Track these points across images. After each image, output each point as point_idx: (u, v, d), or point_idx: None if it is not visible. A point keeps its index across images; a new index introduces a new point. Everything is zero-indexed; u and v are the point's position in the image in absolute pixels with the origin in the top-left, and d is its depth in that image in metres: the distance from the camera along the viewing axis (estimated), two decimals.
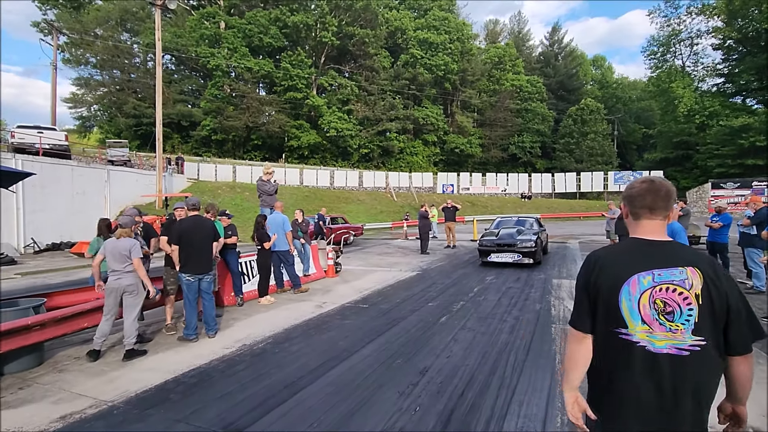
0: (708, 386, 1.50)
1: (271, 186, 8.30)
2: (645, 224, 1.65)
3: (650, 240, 1.61)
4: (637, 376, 1.49)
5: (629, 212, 1.71)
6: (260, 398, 3.59)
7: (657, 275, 1.52)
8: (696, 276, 1.49)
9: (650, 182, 1.68)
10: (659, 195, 1.63)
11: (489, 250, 10.75)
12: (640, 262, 1.56)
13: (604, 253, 1.68)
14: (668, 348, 1.47)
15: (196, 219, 5.24)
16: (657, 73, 48.09)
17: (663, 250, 1.58)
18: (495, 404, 3.41)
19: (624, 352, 1.51)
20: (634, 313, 1.51)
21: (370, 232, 24.48)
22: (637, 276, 1.53)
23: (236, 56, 39.91)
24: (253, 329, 5.62)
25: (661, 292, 1.50)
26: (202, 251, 5.18)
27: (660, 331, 1.48)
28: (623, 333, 1.52)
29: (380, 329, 5.55)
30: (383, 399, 3.54)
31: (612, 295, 1.54)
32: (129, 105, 39.31)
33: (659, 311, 1.50)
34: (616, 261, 1.61)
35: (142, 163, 24.45)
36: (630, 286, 1.53)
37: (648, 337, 1.49)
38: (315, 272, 9.42)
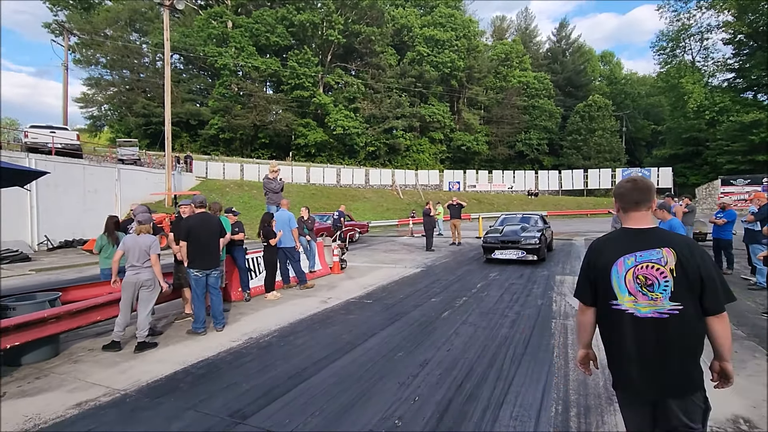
0: (688, 341, 1.83)
1: (277, 184, 8.45)
2: (632, 215, 2.02)
3: (637, 228, 1.98)
4: (629, 336, 1.87)
5: (620, 207, 2.08)
6: (265, 388, 3.73)
7: (638, 256, 1.89)
8: (671, 254, 1.85)
9: (634, 182, 2.07)
10: (642, 191, 2.02)
11: (493, 246, 10.82)
12: (626, 246, 1.94)
13: (601, 240, 2.08)
14: (651, 313, 1.84)
15: (204, 216, 5.40)
16: (666, 68, 47.48)
17: (646, 235, 1.95)
18: (492, 394, 3.52)
19: (617, 318, 1.91)
20: (621, 287, 1.90)
21: (377, 229, 24.62)
22: (623, 258, 1.91)
23: (243, 55, 40.21)
24: (259, 323, 5.77)
25: (642, 269, 1.88)
26: (209, 247, 5.33)
27: (643, 300, 1.86)
28: (615, 304, 1.91)
29: (383, 324, 5.67)
30: (384, 389, 3.66)
31: (605, 274, 1.94)
32: (138, 104, 39.77)
33: (641, 284, 1.87)
34: (609, 246, 2.01)
35: (151, 161, 24.81)
36: (617, 266, 1.92)
37: (634, 305, 1.87)
38: (321, 269, 9.57)
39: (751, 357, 4.22)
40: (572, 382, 3.73)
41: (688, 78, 43.32)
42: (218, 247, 5.47)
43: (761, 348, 4.45)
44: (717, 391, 3.23)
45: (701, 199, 34.50)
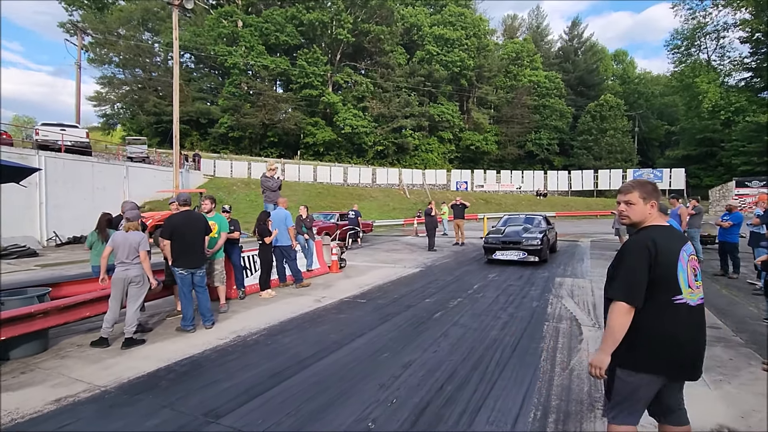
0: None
1: (275, 182, 8.45)
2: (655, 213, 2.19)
3: (663, 225, 2.16)
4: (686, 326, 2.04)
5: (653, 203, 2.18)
6: (245, 387, 3.71)
7: (686, 250, 2.10)
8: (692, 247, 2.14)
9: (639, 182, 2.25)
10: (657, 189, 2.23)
11: (494, 247, 10.71)
12: (677, 242, 2.10)
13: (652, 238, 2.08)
14: (698, 300, 2.08)
15: (188, 214, 5.40)
16: (681, 67, 46.63)
17: (674, 230, 2.19)
18: (471, 398, 3.45)
19: (678, 311, 2.03)
20: (685, 281, 2.05)
21: (382, 228, 24.60)
22: (681, 252, 2.07)
23: (253, 54, 40.49)
24: (249, 321, 5.77)
25: (692, 262, 2.11)
26: (194, 246, 5.33)
27: (696, 290, 2.08)
28: (679, 298, 2.03)
29: (373, 324, 5.63)
30: (363, 390, 3.62)
31: (672, 270, 2.04)
32: (150, 103, 40.33)
33: (694, 276, 2.09)
34: (669, 243, 2.08)
35: (159, 159, 25.11)
36: (681, 262, 2.06)
37: (690, 296, 2.05)
38: (319, 267, 9.56)
39: (746, 365, 4.08)
40: (556, 387, 3.65)
41: (703, 77, 42.51)
42: (203, 246, 5.47)
43: (758, 356, 4.30)
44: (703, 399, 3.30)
45: (715, 201, 33.81)
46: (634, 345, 2.07)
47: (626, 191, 2.21)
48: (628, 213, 2.20)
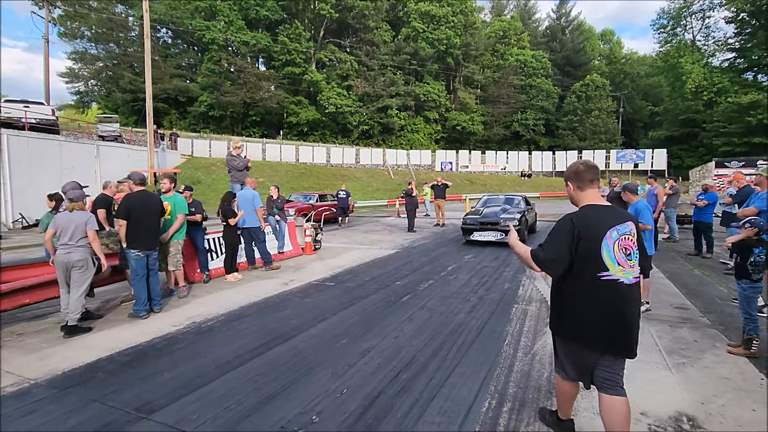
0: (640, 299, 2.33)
1: (241, 161, 8.07)
2: (589, 192, 2.32)
3: (604, 205, 2.27)
4: (616, 303, 2.15)
5: (576, 186, 2.35)
6: (187, 378, 3.48)
7: (618, 229, 2.17)
8: (633, 227, 2.22)
9: (586, 163, 2.38)
10: (596, 171, 2.34)
11: (472, 228, 10.56)
12: (608, 221, 2.18)
13: (581, 217, 2.21)
14: (632, 279, 2.17)
15: (144, 194, 5.08)
16: (666, 47, 46.51)
17: (615, 211, 2.27)
18: (426, 386, 3.28)
19: (607, 286, 2.14)
20: (612, 258, 2.14)
21: (364, 209, 24.33)
22: (609, 231, 2.15)
23: (232, 30, 38.99)
24: (208, 307, 5.51)
25: (623, 241, 2.16)
26: (150, 226, 5.04)
27: (627, 268, 2.15)
28: (606, 275, 2.13)
29: (338, 308, 5.43)
30: (313, 380, 3.42)
31: (596, 247, 2.14)
32: (125, 80, 38.78)
33: (624, 254, 2.16)
34: (595, 222, 2.18)
35: (133, 138, 24.20)
36: (607, 240, 2.15)
37: (622, 274, 2.14)
38: (291, 249, 9.30)
39: (711, 347, 3.99)
40: (515, 373, 3.50)
41: (687, 58, 42.52)
42: (159, 227, 5.16)
43: (723, 337, 4.22)
44: (664, 384, 3.23)
45: (695, 181, 34.26)
46: (563, 318, 2.31)
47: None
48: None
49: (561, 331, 2.35)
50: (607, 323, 2.15)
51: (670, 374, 3.43)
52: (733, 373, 3.44)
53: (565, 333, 2.32)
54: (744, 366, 3.57)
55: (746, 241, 3.64)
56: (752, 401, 3.01)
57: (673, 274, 7.04)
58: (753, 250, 3.61)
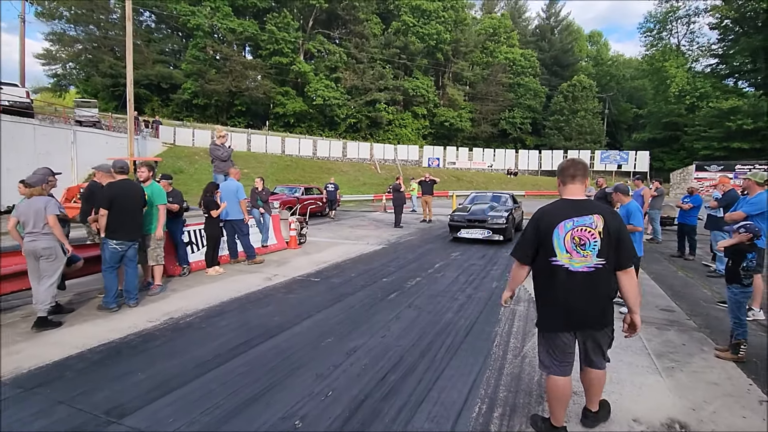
0: (606, 288, 2.40)
1: (225, 151, 7.80)
2: (570, 187, 2.51)
3: (574, 199, 2.47)
4: (563, 286, 2.36)
5: (560, 181, 2.56)
6: (162, 378, 3.29)
7: (575, 221, 2.35)
8: (600, 220, 2.33)
9: (572, 160, 2.61)
10: (578, 167, 2.52)
11: (459, 225, 10.51)
12: (566, 213, 2.39)
13: (544, 209, 2.50)
14: (582, 267, 2.33)
15: (126, 183, 4.84)
16: (651, 51, 47.28)
17: (581, 204, 2.43)
18: (415, 390, 3.16)
19: (555, 271, 2.38)
20: (561, 246, 2.35)
21: (351, 204, 24.12)
22: (563, 222, 2.36)
23: (218, 16, 38.09)
24: (187, 302, 5.30)
25: (577, 232, 2.34)
26: (134, 217, 4.81)
27: (577, 257, 2.34)
28: (554, 260, 2.37)
29: (323, 305, 5.28)
30: (296, 382, 3.27)
31: (548, 236, 2.37)
32: (105, 64, 37.59)
33: (576, 244, 2.33)
34: (551, 213, 2.43)
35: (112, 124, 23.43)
36: (558, 229, 2.36)
37: (569, 261, 2.34)
38: (275, 243, 9.08)
39: (699, 350, 3.98)
40: (505, 376, 3.41)
41: (672, 62, 43.31)
42: (140, 218, 4.94)
43: (710, 341, 4.22)
44: (655, 390, 3.17)
45: (675, 183, 35.00)
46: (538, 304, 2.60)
47: None
48: None
49: (540, 311, 2.58)
50: (560, 302, 2.40)
51: (660, 379, 3.39)
52: (721, 378, 3.42)
53: (538, 317, 2.58)
54: (732, 371, 3.56)
55: (739, 245, 3.61)
56: (741, 407, 2.98)
57: (658, 276, 7.09)
58: (746, 255, 3.59)
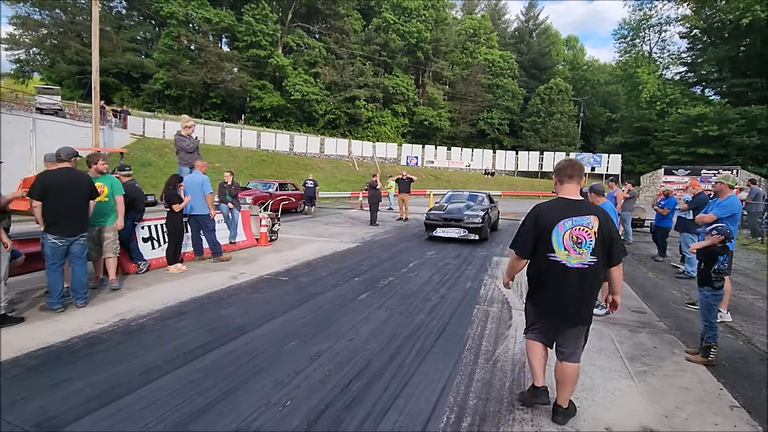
0: (596, 284, 2.63)
1: (191, 142, 7.40)
2: (567, 186, 2.68)
3: (570, 199, 2.64)
4: (559, 281, 2.57)
5: (557, 180, 2.74)
6: (103, 387, 2.99)
7: (574, 220, 2.53)
8: (595, 220, 2.54)
9: (569, 160, 2.79)
10: (575, 168, 2.70)
11: (435, 224, 10.40)
12: (566, 212, 2.56)
13: (544, 206, 2.66)
14: (577, 264, 2.53)
15: (67, 171, 4.43)
16: (625, 57, 48.57)
17: (579, 204, 2.61)
18: (380, 398, 2.97)
19: (552, 266, 2.57)
20: (560, 243, 2.53)
21: (327, 201, 23.77)
22: (563, 221, 2.54)
23: (193, 5, 36.86)
24: (143, 301, 4.95)
25: (575, 231, 2.52)
26: (75, 209, 4.41)
27: (574, 254, 2.52)
28: (552, 256, 2.55)
29: (289, 305, 5.02)
30: (253, 390, 3.02)
31: (547, 233, 2.55)
32: (72, 50, 35.87)
33: (574, 242, 2.52)
34: (551, 211, 2.60)
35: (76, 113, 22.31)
36: (558, 227, 2.54)
37: (566, 258, 2.53)
38: (245, 240, 8.73)
39: (670, 353, 3.94)
40: (476, 382, 3.26)
41: (644, 68, 44.57)
42: (86, 210, 4.54)
43: (681, 343, 4.19)
44: (627, 395, 3.17)
45: (645, 186, 36.06)
46: (531, 288, 2.80)
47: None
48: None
49: (530, 295, 2.85)
50: (552, 295, 2.62)
51: (632, 383, 3.31)
52: (693, 382, 3.37)
53: (531, 297, 2.83)
54: (703, 375, 3.52)
55: (711, 248, 3.57)
56: (713, 414, 2.92)
57: (630, 277, 7.12)
58: (718, 257, 3.55)
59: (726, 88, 41.11)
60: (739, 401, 3.09)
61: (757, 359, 3.93)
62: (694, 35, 43.91)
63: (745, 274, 7.81)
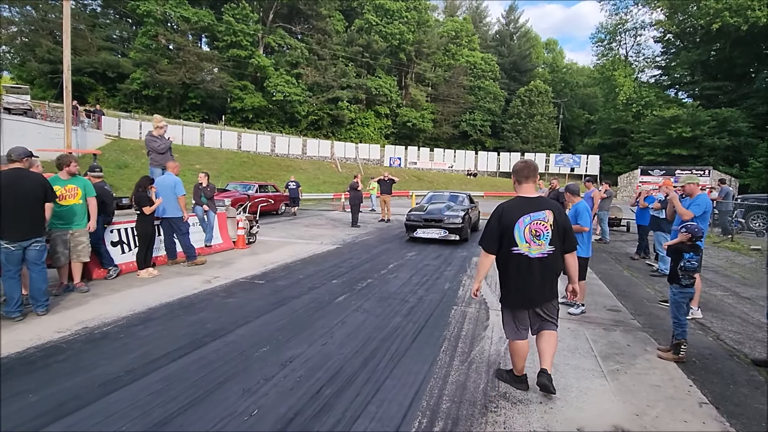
0: (557, 270, 2.99)
1: (163, 143, 7.18)
2: (524, 186, 3.00)
3: (527, 197, 2.96)
4: (524, 271, 2.89)
5: (516, 180, 3.05)
6: (58, 400, 2.83)
7: (532, 216, 2.86)
8: (550, 214, 2.89)
9: (525, 162, 3.07)
10: (531, 169, 3.00)
11: (415, 225, 10.38)
12: (524, 209, 2.89)
13: (505, 206, 2.95)
14: (538, 254, 2.87)
15: (18, 172, 4.21)
16: (602, 60, 49.65)
17: (535, 201, 2.92)
18: (351, 404, 2.89)
19: (516, 258, 2.89)
20: (521, 237, 2.85)
21: (309, 202, 23.54)
22: (522, 217, 2.86)
23: (171, 3, 36.13)
24: (109, 308, 4.76)
25: (534, 225, 2.85)
26: (26, 212, 4.20)
27: (534, 246, 2.86)
28: (515, 249, 2.87)
29: (264, 309, 4.90)
30: (218, 400, 2.91)
31: (510, 229, 2.87)
32: (43, 48, 34.70)
33: (533, 235, 2.85)
34: (512, 210, 2.90)
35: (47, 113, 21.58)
36: (519, 224, 2.86)
37: (528, 250, 2.86)
38: (221, 243, 8.53)
39: (643, 351, 3.97)
40: (450, 385, 3.21)
41: (620, 71, 45.62)
42: (40, 213, 4.32)
43: (653, 341, 4.24)
44: (597, 395, 3.21)
45: (622, 186, 36.86)
46: (501, 285, 3.09)
47: None
48: None
49: (504, 297, 3.09)
50: (521, 283, 2.91)
51: (605, 382, 3.31)
52: (663, 380, 3.40)
53: (506, 294, 3.05)
54: (673, 372, 3.55)
55: (680, 246, 3.61)
56: (683, 411, 2.94)
57: (606, 276, 7.22)
58: (683, 255, 3.59)
59: (698, 91, 42.41)
60: (708, 398, 3.12)
61: (726, 355, 3.99)
62: (668, 40, 45.23)
63: (715, 271, 8.01)
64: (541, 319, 3.04)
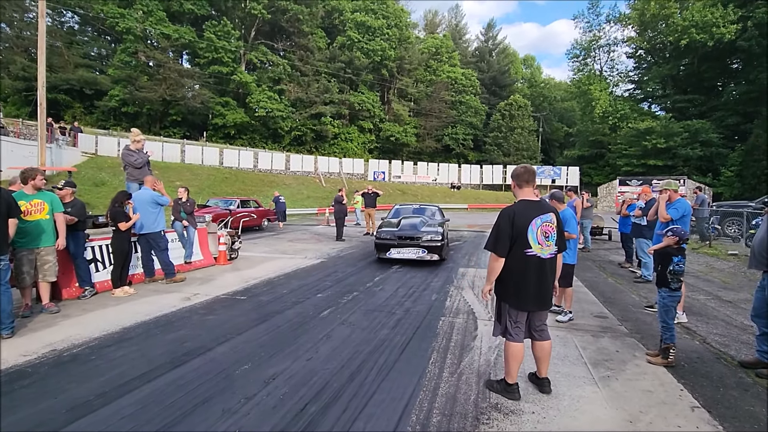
0: (556, 268, 3.19)
1: (139, 157, 6.98)
2: (525, 190, 3.12)
3: (532, 200, 3.09)
4: (538, 272, 2.98)
5: (516, 184, 3.17)
6: (21, 428, 2.62)
7: (542, 218, 2.99)
8: (554, 216, 3.07)
9: (525, 167, 3.17)
10: (530, 173, 3.13)
11: (388, 244, 8.89)
12: (534, 212, 2.99)
13: (512, 210, 3.02)
14: (548, 255, 3.01)
15: None
16: (578, 75, 51.19)
17: (540, 204, 3.08)
18: (337, 421, 2.76)
19: (529, 260, 2.96)
20: (534, 239, 2.95)
21: (294, 217, 23.30)
22: (534, 219, 2.96)
23: (151, 20, 35.96)
24: (80, 329, 4.51)
25: (544, 226, 2.99)
26: None
27: (545, 247, 2.99)
28: (529, 251, 2.95)
29: (245, 326, 4.72)
30: (197, 420, 2.74)
31: (524, 232, 2.95)
32: (17, 65, 33.96)
33: (545, 236, 2.98)
34: (523, 213, 2.98)
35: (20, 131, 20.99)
36: (532, 226, 2.95)
37: (540, 251, 2.97)
38: (201, 259, 8.30)
39: (632, 356, 3.94)
40: (440, 398, 3.10)
41: (596, 86, 47.06)
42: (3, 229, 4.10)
43: (641, 346, 4.22)
44: (590, 403, 3.13)
45: (602, 197, 37.65)
46: (508, 285, 3.04)
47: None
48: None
49: (506, 296, 3.07)
50: (532, 283, 2.96)
51: (596, 389, 3.25)
52: (654, 385, 3.36)
53: (509, 297, 3.05)
54: (663, 376, 3.52)
55: (667, 249, 3.62)
56: (675, 415, 2.90)
57: (591, 283, 7.25)
58: (672, 258, 3.60)
59: (670, 104, 43.97)
60: (700, 401, 3.09)
61: (713, 358, 3.99)
62: (639, 55, 46.98)
63: (696, 276, 8.13)
64: (538, 328, 3.18)
